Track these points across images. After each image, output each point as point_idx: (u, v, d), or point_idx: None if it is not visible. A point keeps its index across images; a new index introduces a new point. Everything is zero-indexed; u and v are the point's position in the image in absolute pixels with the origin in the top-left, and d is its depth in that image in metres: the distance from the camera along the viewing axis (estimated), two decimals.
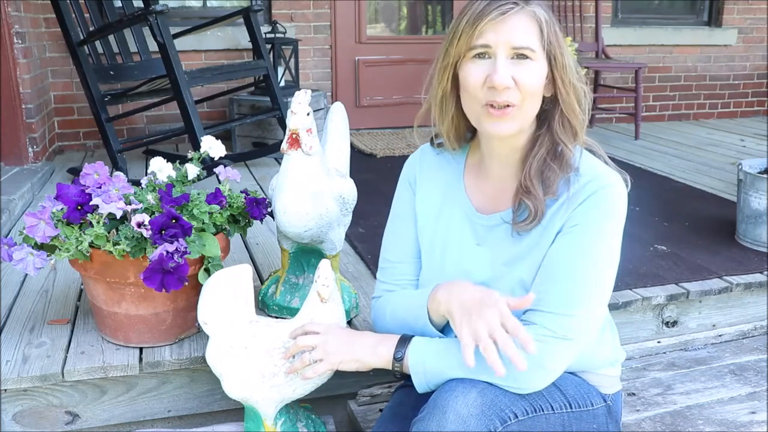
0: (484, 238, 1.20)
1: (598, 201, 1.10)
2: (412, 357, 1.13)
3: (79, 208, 1.35)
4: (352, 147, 2.41)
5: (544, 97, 1.14)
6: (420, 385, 1.13)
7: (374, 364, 1.17)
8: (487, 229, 1.20)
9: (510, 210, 1.17)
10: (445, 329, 1.19)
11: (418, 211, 1.29)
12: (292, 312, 1.62)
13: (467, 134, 1.25)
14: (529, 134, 1.17)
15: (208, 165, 1.70)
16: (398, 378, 1.18)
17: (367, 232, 2.32)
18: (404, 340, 1.16)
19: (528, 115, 1.12)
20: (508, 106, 1.09)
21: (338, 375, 1.25)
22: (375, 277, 1.56)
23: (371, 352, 1.16)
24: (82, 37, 3.03)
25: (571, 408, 1.16)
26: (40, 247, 1.37)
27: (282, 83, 3.71)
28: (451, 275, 1.20)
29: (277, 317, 1.65)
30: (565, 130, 1.14)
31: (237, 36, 3.86)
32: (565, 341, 1.09)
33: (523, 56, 1.08)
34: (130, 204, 1.38)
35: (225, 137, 3.55)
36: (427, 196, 1.28)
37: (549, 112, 1.15)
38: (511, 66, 1.08)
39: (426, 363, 1.12)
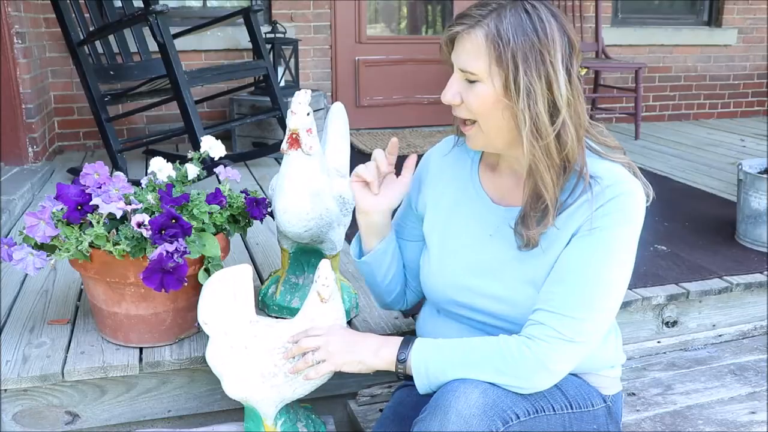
0: (497, 229, 1.20)
1: (616, 206, 1.09)
2: (414, 358, 1.13)
3: (79, 208, 1.35)
4: (352, 147, 2.40)
5: None
6: (422, 386, 1.13)
7: (377, 366, 1.17)
8: (501, 221, 1.19)
9: (518, 209, 1.16)
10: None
11: (429, 203, 1.30)
12: (292, 312, 1.62)
13: None
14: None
15: (208, 165, 1.70)
16: (400, 379, 1.18)
17: None
18: (407, 342, 1.16)
19: (490, 134, 1.12)
20: (466, 121, 1.13)
21: (338, 375, 1.25)
22: None
23: (374, 354, 1.16)
24: (82, 37, 3.03)
25: (571, 408, 1.16)
26: (40, 247, 1.37)
27: (282, 83, 3.71)
28: (463, 263, 1.22)
29: (277, 317, 1.65)
30: (530, 164, 1.08)
31: (237, 36, 3.86)
32: (572, 344, 1.08)
33: (470, 79, 1.09)
34: (130, 204, 1.38)
35: (225, 137, 3.55)
36: (442, 188, 1.29)
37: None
38: (463, 84, 1.10)
39: (429, 363, 1.12)
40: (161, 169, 1.52)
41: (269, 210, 1.56)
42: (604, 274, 1.09)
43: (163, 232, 1.30)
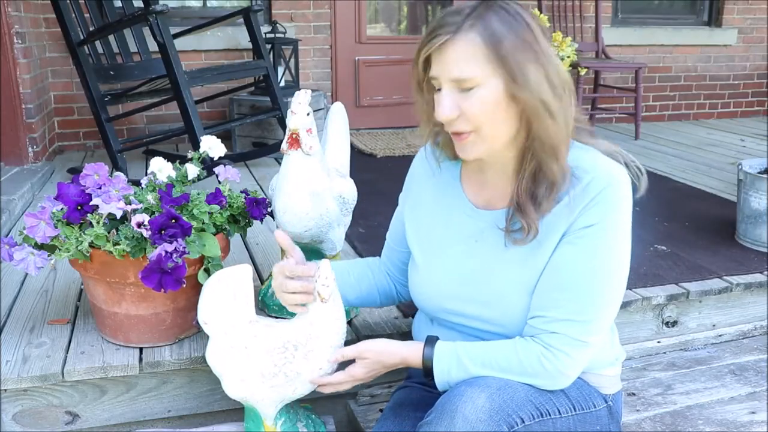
0: (482, 235, 1.20)
1: (604, 200, 1.08)
2: (438, 372, 1.15)
3: (79, 208, 1.35)
4: (352, 147, 2.41)
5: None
6: (441, 384, 1.15)
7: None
8: (487, 225, 1.19)
9: (504, 211, 1.16)
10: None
11: (411, 216, 1.32)
12: (292, 312, 1.61)
13: None
14: (519, 146, 1.12)
15: (208, 165, 1.70)
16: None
17: (367, 232, 2.32)
18: (429, 350, 1.16)
19: (491, 138, 1.09)
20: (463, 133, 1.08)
21: None
22: None
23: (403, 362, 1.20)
24: (82, 37, 3.03)
25: (575, 411, 1.16)
26: (40, 247, 1.37)
27: (282, 83, 3.71)
28: (451, 271, 1.22)
29: (277, 317, 1.65)
30: (544, 148, 1.08)
31: (237, 36, 3.86)
32: (585, 346, 1.11)
33: (466, 87, 1.05)
34: (130, 204, 1.38)
35: (225, 137, 3.54)
36: (424, 199, 1.30)
37: (530, 124, 1.08)
38: (457, 95, 1.06)
39: (452, 376, 1.14)
40: (161, 169, 1.52)
41: (269, 210, 1.56)
42: (607, 272, 1.10)
43: (162, 232, 1.30)
